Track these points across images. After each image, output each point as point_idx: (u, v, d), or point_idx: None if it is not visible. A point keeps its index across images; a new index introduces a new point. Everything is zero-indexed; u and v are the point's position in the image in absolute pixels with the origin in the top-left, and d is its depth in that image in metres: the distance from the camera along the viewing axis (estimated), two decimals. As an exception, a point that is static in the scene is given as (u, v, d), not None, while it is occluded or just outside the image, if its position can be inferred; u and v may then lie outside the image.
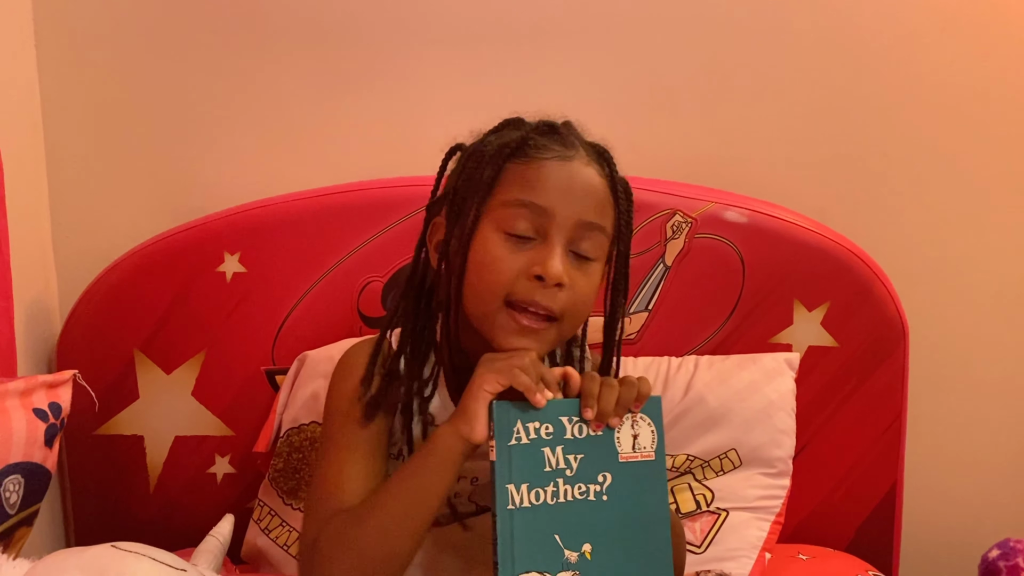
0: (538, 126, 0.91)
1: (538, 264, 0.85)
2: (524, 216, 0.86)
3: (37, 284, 1.34)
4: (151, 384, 1.33)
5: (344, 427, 0.91)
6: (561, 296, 0.86)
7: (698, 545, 1.21)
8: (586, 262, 0.89)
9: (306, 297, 1.32)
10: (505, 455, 0.82)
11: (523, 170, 0.88)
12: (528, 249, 0.86)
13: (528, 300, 0.86)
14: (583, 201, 0.87)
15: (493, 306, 0.87)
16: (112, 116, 1.38)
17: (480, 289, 0.87)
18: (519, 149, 0.88)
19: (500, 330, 0.87)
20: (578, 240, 0.88)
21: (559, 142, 0.89)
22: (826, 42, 1.42)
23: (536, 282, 0.85)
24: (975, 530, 1.44)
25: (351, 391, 0.92)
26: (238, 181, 1.38)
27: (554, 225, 0.86)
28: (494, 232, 0.87)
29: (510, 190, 0.87)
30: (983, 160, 1.45)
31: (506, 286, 0.86)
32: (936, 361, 1.45)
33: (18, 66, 1.31)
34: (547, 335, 0.88)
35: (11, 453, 0.97)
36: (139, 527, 1.34)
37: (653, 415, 0.87)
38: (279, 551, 1.25)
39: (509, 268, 0.86)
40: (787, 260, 1.33)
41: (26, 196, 1.31)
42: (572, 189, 0.87)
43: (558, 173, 0.87)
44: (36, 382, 1.04)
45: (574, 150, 0.89)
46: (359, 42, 1.39)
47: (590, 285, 0.89)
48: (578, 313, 0.89)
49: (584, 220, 0.87)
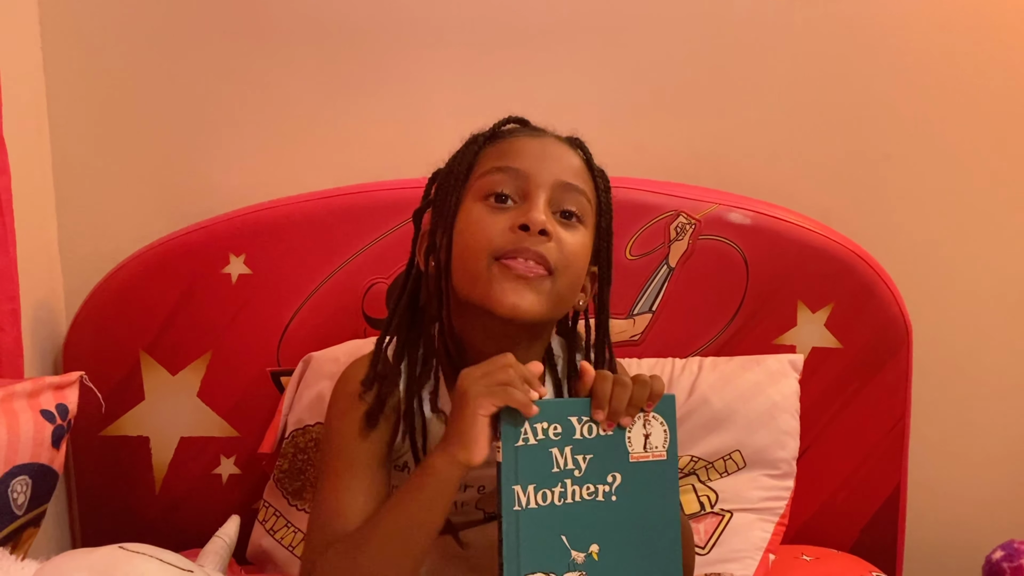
0: (511, 119, 0.95)
1: (522, 216, 0.86)
2: (503, 181, 0.88)
3: (43, 286, 1.35)
4: (157, 385, 1.33)
5: (342, 450, 0.91)
6: (550, 246, 0.86)
7: (702, 546, 1.21)
8: (571, 224, 0.90)
9: (311, 299, 1.33)
10: (512, 456, 0.81)
11: (497, 147, 0.91)
12: (511, 210, 0.88)
13: (515, 249, 0.86)
14: (559, 164, 0.90)
15: (482, 264, 0.86)
16: (118, 119, 1.39)
17: (467, 255, 0.88)
18: (492, 135, 0.93)
19: (494, 283, 0.86)
20: (559, 200, 0.89)
21: (531, 128, 0.95)
22: (830, 43, 1.42)
23: (521, 232, 0.86)
24: (979, 531, 1.44)
25: (348, 412, 0.92)
26: (243, 183, 1.39)
27: (532, 184, 0.88)
28: (475, 203, 0.89)
29: (487, 164, 0.90)
30: (987, 161, 1.45)
31: (491, 242, 0.86)
32: (940, 362, 1.45)
33: (24, 68, 1.32)
34: (543, 286, 0.87)
35: (18, 454, 0.98)
36: (145, 528, 1.34)
37: (666, 414, 0.85)
38: (284, 552, 1.25)
39: (492, 226, 0.87)
40: (791, 261, 1.33)
41: (33, 198, 1.32)
42: (546, 155, 0.90)
43: (531, 144, 0.91)
44: (43, 383, 1.05)
45: (545, 132, 0.94)
46: (364, 45, 1.39)
47: (580, 244, 0.90)
48: (572, 269, 0.89)
49: (563, 180, 0.89)
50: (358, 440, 0.90)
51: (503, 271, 0.86)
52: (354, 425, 0.91)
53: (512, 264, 0.86)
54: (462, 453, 0.81)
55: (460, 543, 0.97)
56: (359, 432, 0.90)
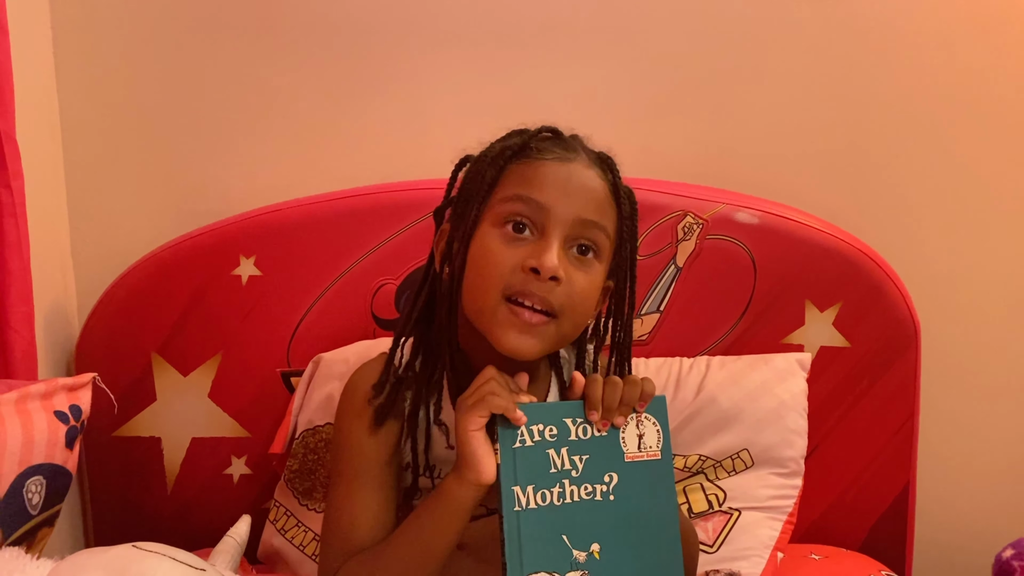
0: (541, 130, 0.92)
1: (533, 257, 0.85)
2: (522, 212, 0.87)
3: (56, 288, 1.36)
4: (168, 386, 1.34)
5: (354, 455, 0.92)
6: (558, 291, 0.86)
7: (710, 545, 1.21)
8: (586, 261, 0.88)
9: (320, 300, 1.34)
10: (509, 458, 0.83)
11: (523, 169, 0.89)
12: (526, 245, 0.86)
13: (524, 291, 0.85)
14: (581, 198, 0.87)
15: (491, 301, 0.86)
16: (129, 122, 1.40)
17: (478, 284, 0.87)
18: (520, 151, 0.89)
19: (499, 326, 0.86)
20: (577, 238, 0.88)
21: (561, 146, 0.90)
22: (837, 42, 1.42)
23: (532, 274, 0.85)
24: (989, 529, 1.43)
25: (358, 416, 0.92)
26: (253, 185, 1.40)
27: (551, 220, 0.86)
28: (492, 228, 0.88)
29: (509, 187, 0.88)
30: (995, 160, 1.45)
31: (502, 278, 0.85)
32: (948, 361, 1.45)
33: (36, 73, 1.33)
34: (546, 332, 0.87)
35: (33, 455, 0.99)
36: (157, 527, 1.35)
37: (658, 415, 0.87)
38: (295, 551, 1.26)
39: (505, 261, 0.86)
40: (798, 261, 1.33)
41: (45, 202, 1.33)
42: (570, 187, 0.87)
43: (556, 172, 0.88)
44: (56, 385, 1.06)
45: (575, 153, 0.90)
46: (372, 48, 1.40)
47: (590, 284, 0.89)
48: (577, 311, 0.88)
49: (582, 218, 0.87)
50: (368, 443, 0.91)
51: (509, 315, 0.86)
52: (364, 429, 0.92)
53: (518, 311, 0.86)
54: (471, 474, 0.83)
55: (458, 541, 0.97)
56: (369, 435, 0.92)
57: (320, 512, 1.26)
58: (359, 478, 0.91)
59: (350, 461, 0.92)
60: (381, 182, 1.37)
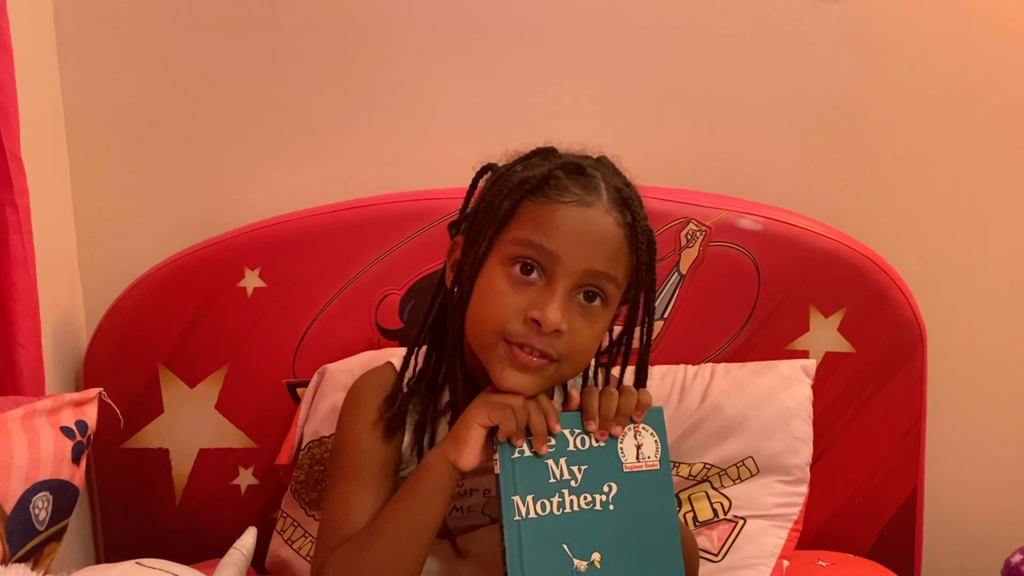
0: (565, 164, 0.88)
1: (537, 308, 0.84)
2: (531, 256, 0.85)
3: (64, 302, 1.37)
4: (175, 398, 1.35)
5: (352, 458, 0.92)
6: (558, 343, 0.85)
7: (715, 553, 1.21)
8: (591, 309, 0.87)
9: (325, 311, 1.34)
10: (509, 468, 0.84)
11: (539, 210, 0.86)
12: (531, 291, 0.85)
13: (523, 342, 0.85)
14: (594, 250, 0.85)
15: (490, 339, 0.86)
16: (134, 136, 1.41)
17: (478, 321, 0.87)
18: (539, 187, 0.86)
19: (497, 362, 0.86)
20: (584, 287, 0.86)
21: (582, 185, 0.87)
22: (840, 47, 1.41)
23: (533, 325, 0.84)
24: (998, 534, 1.43)
25: (363, 418, 0.93)
26: (258, 198, 1.40)
27: (560, 270, 0.85)
28: (501, 266, 0.86)
29: (523, 228, 0.86)
30: (999, 164, 1.44)
31: (503, 323, 0.85)
32: (955, 365, 1.45)
33: (42, 85, 1.34)
34: (545, 372, 0.86)
35: (40, 471, 1.00)
36: (165, 538, 1.37)
37: (656, 425, 0.89)
38: (302, 562, 1.27)
39: (508, 306, 0.85)
40: (802, 266, 1.33)
41: (52, 216, 1.34)
42: (584, 237, 0.85)
43: (573, 219, 0.85)
44: (63, 400, 1.07)
45: (595, 195, 0.87)
46: (376, 59, 1.40)
47: (592, 332, 0.88)
48: (578, 358, 0.88)
49: (592, 269, 0.85)
50: (372, 446, 0.92)
51: (508, 353, 0.85)
52: (369, 431, 0.92)
53: (518, 352, 0.85)
54: (452, 452, 0.85)
55: (457, 550, 0.98)
56: (373, 438, 0.92)
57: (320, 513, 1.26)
58: (358, 477, 0.91)
59: (351, 461, 0.92)
60: (385, 192, 1.37)
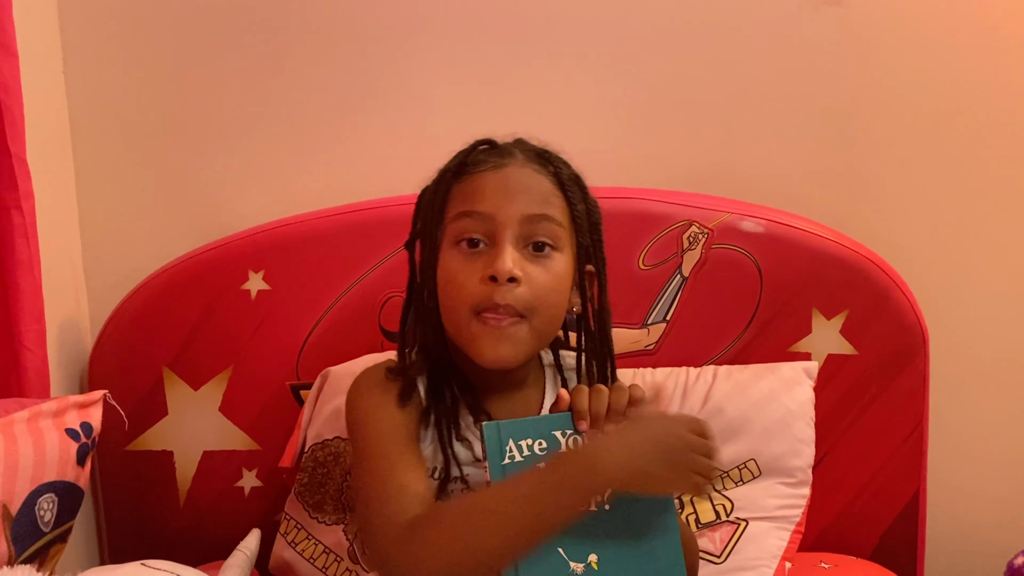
0: (478, 142, 0.96)
1: (488, 266, 0.89)
2: (470, 227, 0.91)
3: (68, 305, 1.38)
4: (179, 400, 1.36)
5: (377, 441, 0.90)
6: (519, 292, 0.88)
7: (718, 555, 1.21)
8: (544, 256, 0.91)
9: (329, 313, 1.35)
10: (499, 474, 0.83)
11: (463, 187, 0.93)
12: (482, 257, 0.90)
13: (489, 303, 0.88)
14: (522, 197, 0.91)
15: (464, 317, 0.90)
16: (139, 139, 1.41)
17: (449, 305, 0.92)
18: (459, 170, 0.94)
19: (474, 340, 0.90)
20: (529, 236, 0.91)
21: (496, 154, 0.94)
22: (842, 49, 1.41)
23: (492, 283, 0.88)
24: (1001, 536, 1.42)
25: (379, 399, 0.93)
26: (261, 201, 1.41)
27: (498, 226, 0.90)
28: (451, 249, 0.92)
29: (455, 207, 0.93)
30: (1001, 166, 1.44)
31: (469, 294, 0.89)
32: (957, 367, 1.45)
33: (47, 89, 1.35)
34: (518, 333, 0.90)
35: (45, 472, 1.00)
36: (170, 540, 1.37)
37: None
38: (306, 564, 1.27)
39: (467, 277, 0.90)
40: (804, 269, 1.33)
41: (57, 220, 1.35)
42: (508, 190, 0.91)
43: (493, 179, 0.92)
44: (68, 403, 1.07)
45: (510, 157, 0.94)
46: (379, 61, 1.41)
47: (552, 276, 0.91)
48: (545, 306, 0.91)
49: (527, 214, 0.90)
50: (391, 420, 0.92)
51: (482, 327, 0.89)
52: (387, 409, 0.92)
53: (487, 319, 0.89)
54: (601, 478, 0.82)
55: None
56: (389, 412, 0.92)
57: (330, 525, 1.27)
58: (392, 453, 0.89)
59: (377, 444, 0.90)
60: (389, 195, 1.38)
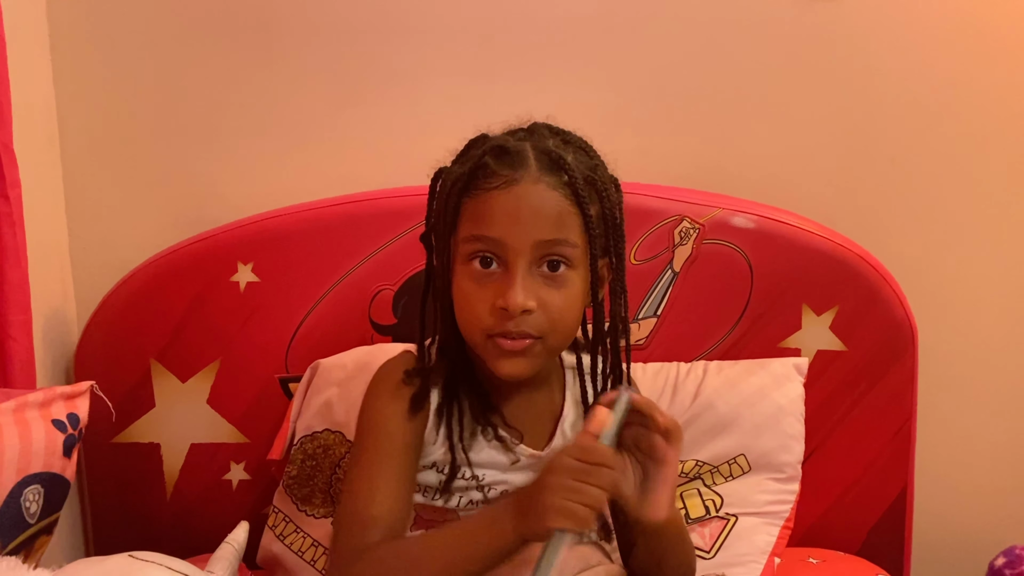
0: (490, 149, 0.90)
1: (501, 296, 0.87)
2: (482, 250, 0.89)
3: (55, 296, 1.37)
4: (167, 392, 1.35)
5: (378, 439, 0.93)
6: (532, 320, 0.87)
7: (707, 550, 1.22)
8: (558, 276, 0.89)
9: (318, 306, 1.34)
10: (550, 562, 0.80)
11: (474, 204, 0.89)
12: (494, 281, 0.88)
13: (502, 332, 0.88)
14: (534, 223, 0.87)
15: (477, 339, 0.91)
16: (126, 130, 1.40)
17: (463, 322, 0.92)
18: (470, 181, 0.89)
19: (490, 358, 0.91)
20: (542, 259, 0.88)
21: (508, 164, 0.88)
22: (834, 46, 1.42)
23: (503, 313, 0.87)
24: (987, 534, 1.44)
25: (390, 398, 0.94)
26: (251, 192, 1.40)
27: (510, 253, 0.87)
28: (463, 266, 0.91)
29: (466, 226, 0.90)
30: (991, 164, 1.45)
31: (481, 322, 0.89)
32: (946, 364, 1.45)
33: (35, 78, 1.34)
34: (533, 351, 0.90)
35: (31, 464, 0.99)
36: (156, 533, 1.36)
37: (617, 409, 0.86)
38: (293, 557, 1.26)
39: (479, 304, 0.89)
40: (795, 265, 1.33)
41: (43, 210, 1.33)
42: (520, 214, 0.87)
43: (504, 201, 0.87)
44: (54, 393, 1.06)
45: (522, 169, 0.87)
46: (370, 53, 1.40)
47: (566, 298, 0.89)
48: (559, 329, 0.90)
49: (540, 240, 0.87)
50: (398, 425, 0.93)
51: (495, 348, 0.89)
52: (396, 411, 0.93)
53: (502, 343, 0.89)
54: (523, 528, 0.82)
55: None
56: (400, 418, 0.93)
57: (319, 518, 1.26)
58: (382, 456, 0.92)
59: (376, 439, 0.93)
60: (379, 188, 1.37)
